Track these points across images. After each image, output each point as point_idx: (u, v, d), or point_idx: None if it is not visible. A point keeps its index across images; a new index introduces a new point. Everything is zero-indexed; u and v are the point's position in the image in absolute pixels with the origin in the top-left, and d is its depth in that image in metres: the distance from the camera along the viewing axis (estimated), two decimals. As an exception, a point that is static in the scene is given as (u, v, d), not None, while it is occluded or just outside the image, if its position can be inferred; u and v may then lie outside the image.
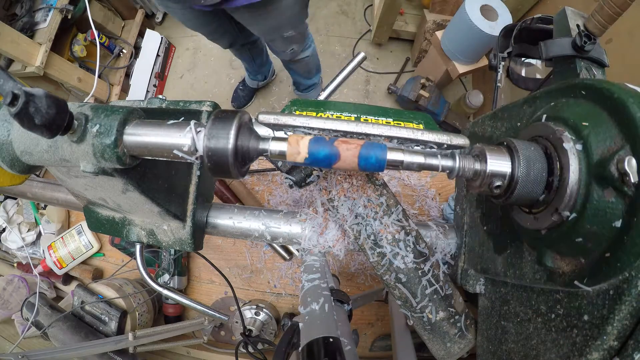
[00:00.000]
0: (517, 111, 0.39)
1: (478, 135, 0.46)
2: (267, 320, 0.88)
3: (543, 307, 0.32)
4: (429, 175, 0.87)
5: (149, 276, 0.54)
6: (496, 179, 0.31)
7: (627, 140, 0.26)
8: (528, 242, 0.34)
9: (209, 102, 0.45)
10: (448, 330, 0.43)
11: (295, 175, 0.42)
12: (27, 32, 1.47)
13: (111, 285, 0.94)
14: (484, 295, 0.43)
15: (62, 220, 1.10)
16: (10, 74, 0.29)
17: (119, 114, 0.32)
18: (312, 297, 0.43)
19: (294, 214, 0.50)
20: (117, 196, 0.41)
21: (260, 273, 0.95)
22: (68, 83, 1.65)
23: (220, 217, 0.51)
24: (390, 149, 0.31)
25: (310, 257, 0.51)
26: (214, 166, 0.29)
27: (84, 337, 0.86)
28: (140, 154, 0.33)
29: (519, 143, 0.31)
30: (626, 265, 0.24)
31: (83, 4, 1.58)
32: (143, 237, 0.48)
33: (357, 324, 0.88)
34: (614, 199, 0.26)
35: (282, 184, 0.94)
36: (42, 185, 0.62)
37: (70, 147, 0.32)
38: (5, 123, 0.36)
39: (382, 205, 0.42)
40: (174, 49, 2.11)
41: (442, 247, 0.48)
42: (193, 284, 1.01)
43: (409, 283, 0.42)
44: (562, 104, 0.33)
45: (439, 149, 0.37)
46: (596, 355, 0.26)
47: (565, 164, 0.28)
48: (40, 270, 1.05)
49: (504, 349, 0.37)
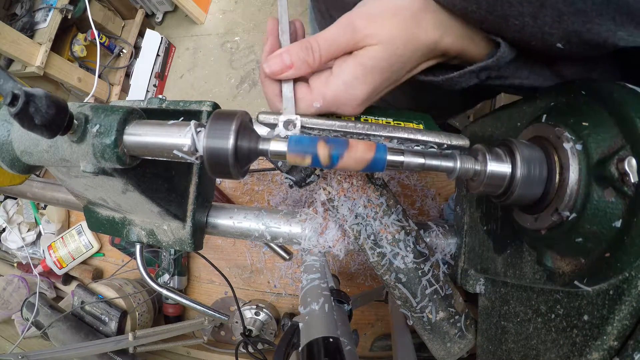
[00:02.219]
0: (517, 111, 0.39)
1: (478, 136, 0.46)
2: (267, 320, 0.88)
3: (543, 307, 0.32)
4: (429, 176, 0.87)
5: (149, 276, 0.54)
6: (496, 179, 0.31)
7: (627, 140, 0.26)
8: (528, 242, 0.34)
9: (209, 102, 0.45)
10: (448, 330, 0.43)
11: (295, 175, 0.42)
12: (27, 32, 1.47)
13: (111, 285, 0.94)
14: (484, 295, 0.43)
15: (62, 220, 1.10)
16: (10, 74, 0.29)
17: (119, 114, 0.32)
18: (312, 297, 0.43)
19: (294, 214, 0.50)
20: (117, 196, 0.41)
21: (260, 273, 0.95)
22: (68, 83, 1.64)
23: (220, 217, 0.51)
24: (390, 149, 0.31)
25: (310, 257, 0.51)
26: (213, 166, 0.29)
27: (84, 337, 0.86)
28: (140, 154, 0.33)
29: (519, 143, 0.31)
30: (626, 265, 0.24)
31: (83, 4, 1.58)
32: (143, 237, 0.48)
33: (357, 324, 0.88)
34: (614, 199, 0.26)
35: (282, 184, 0.94)
36: (42, 185, 0.62)
37: (70, 147, 0.32)
38: (5, 123, 0.36)
39: (382, 205, 0.42)
40: (174, 49, 2.11)
41: (442, 247, 0.48)
42: (193, 284, 1.01)
43: (409, 283, 0.42)
44: (562, 104, 0.33)
45: (439, 149, 0.37)
46: (596, 355, 0.26)
47: (565, 164, 0.28)
48: (40, 270, 1.05)
49: (504, 349, 0.37)
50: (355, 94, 0.33)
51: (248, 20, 1.98)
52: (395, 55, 0.32)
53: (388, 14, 0.31)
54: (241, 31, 1.97)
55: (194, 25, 2.08)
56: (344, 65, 0.32)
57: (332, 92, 0.33)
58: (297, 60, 0.32)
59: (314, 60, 0.32)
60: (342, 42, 0.32)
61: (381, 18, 0.31)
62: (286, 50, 0.33)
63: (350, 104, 0.33)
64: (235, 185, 0.98)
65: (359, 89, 0.32)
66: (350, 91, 0.32)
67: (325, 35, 0.32)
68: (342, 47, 0.32)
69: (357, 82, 0.32)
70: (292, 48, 0.33)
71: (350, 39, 0.31)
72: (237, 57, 1.95)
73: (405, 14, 0.31)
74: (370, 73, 0.32)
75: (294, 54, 0.32)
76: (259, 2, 1.98)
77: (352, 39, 0.31)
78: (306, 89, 0.34)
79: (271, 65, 0.33)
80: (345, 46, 0.32)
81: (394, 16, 0.31)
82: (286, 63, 0.32)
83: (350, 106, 0.34)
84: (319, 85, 0.33)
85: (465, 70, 0.35)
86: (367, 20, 0.31)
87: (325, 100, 0.33)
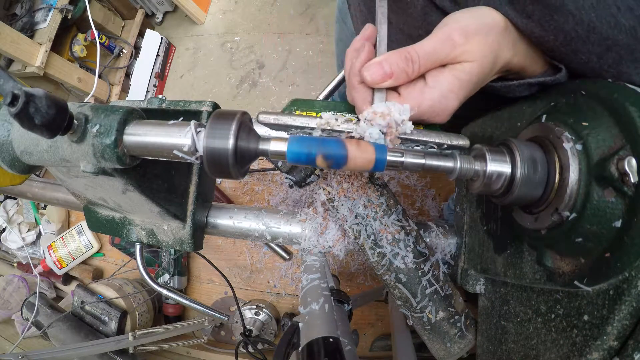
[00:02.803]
0: (517, 111, 0.39)
1: (478, 136, 0.46)
2: (267, 320, 0.89)
3: (543, 307, 0.32)
4: (429, 176, 0.87)
5: (149, 276, 0.54)
6: (496, 179, 0.31)
7: (627, 140, 0.26)
8: (528, 242, 0.34)
9: (209, 102, 0.45)
10: (448, 330, 0.43)
11: (295, 175, 0.42)
12: (27, 32, 1.47)
13: (111, 285, 0.94)
14: (484, 295, 0.43)
15: (62, 220, 1.10)
16: (10, 74, 0.29)
17: (119, 114, 0.32)
18: (312, 297, 0.43)
19: (294, 214, 0.50)
20: (117, 196, 0.41)
21: (260, 273, 0.95)
22: (68, 83, 1.65)
23: (220, 217, 0.51)
24: (391, 149, 0.31)
25: (310, 257, 0.51)
26: (213, 166, 0.29)
27: (84, 337, 0.86)
28: (140, 154, 0.33)
29: (519, 143, 0.31)
30: (626, 265, 0.24)
31: (83, 4, 1.58)
32: (143, 237, 0.48)
33: (357, 324, 0.88)
34: (614, 199, 0.26)
35: (282, 184, 0.94)
36: (42, 185, 0.62)
37: (70, 147, 0.32)
38: (5, 123, 0.36)
39: (382, 205, 0.42)
40: (174, 49, 2.11)
41: (442, 247, 0.48)
42: (193, 284, 1.01)
43: (409, 283, 0.42)
44: (562, 104, 0.33)
45: (439, 149, 0.37)
46: (596, 355, 0.26)
47: (565, 164, 0.28)
48: (40, 270, 1.05)
49: (504, 349, 0.37)
50: (448, 104, 0.34)
51: (248, 20, 1.98)
52: (485, 72, 0.34)
53: (483, 32, 0.33)
54: (241, 31, 1.97)
55: (194, 25, 2.08)
56: (440, 77, 0.34)
57: (428, 102, 0.34)
58: (397, 70, 0.33)
59: (413, 71, 0.33)
60: (441, 56, 0.33)
61: (478, 36, 0.32)
62: (385, 59, 0.33)
63: (443, 114, 0.35)
64: (235, 185, 0.98)
65: (452, 100, 0.34)
66: (445, 102, 0.34)
67: (424, 47, 0.33)
68: (440, 60, 0.33)
69: (452, 95, 0.34)
70: (392, 57, 0.33)
71: (450, 54, 0.33)
72: (237, 57, 1.95)
73: (495, 34, 0.33)
74: (464, 87, 0.33)
75: (394, 64, 0.33)
76: (259, 2, 1.98)
77: (450, 54, 0.33)
78: (397, 97, 0.35)
79: (372, 74, 0.33)
80: (443, 59, 0.33)
81: (487, 35, 0.33)
82: (387, 72, 0.33)
83: (442, 116, 0.35)
84: (415, 95, 0.34)
85: (524, 82, 0.36)
86: (465, 38, 0.32)
87: (420, 109, 0.34)
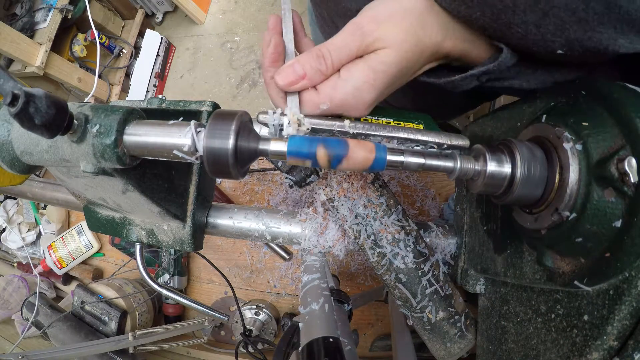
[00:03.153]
0: (517, 111, 0.39)
1: (478, 136, 0.46)
2: (267, 320, 0.88)
3: (543, 307, 0.32)
4: (429, 176, 0.87)
5: (149, 276, 0.54)
6: (496, 179, 0.31)
7: (627, 140, 0.26)
8: (528, 242, 0.34)
9: (209, 102, 0.45)
10: (448, 330, 0.43)
11: (295, 175, 0.42)
12: (27, 32, 1.47)
13: (111, 285, 0.94)
14: (484, 295, 0.43)
15: (62, 220, 1.10)
16: (10, 74, 0.29)
17: (119, 114, 0.32)
18: (312, 297, 0.43)
19: (294, 214, 0.50)
20: (117, 196, 0.41)
21: (260, 273, 0.95)
22: (68, 83, 1.64)
23: (220, 217, 0.51)
24: (390, 150, 0.31)
25: (310, 257, 0.51)
26: (213, 166, 0.29)
27: (84, 337, 0.86)
28: (140, 154, 0.33)
29: (519, 143, 0.31)
30: (626, 265, 0.24)
31: (83, 4, 1.58)
32: (143, 237, 0.48)
33: (357, 324, 0.88)
34: (614, 199, 0.26)
35: (282, 184, 0.94)
36: (42, 185, 0.62)
37: (70, 147, 0.32)
38: (5, 123, 0.36)
39: (382, 205, 0.42)
40: (174, 49, 2.11)
41: (442, 247, 0.48)
42: (193, 284, 1.01)
43: (409, 283, 0.42)
44: (562, 104, 0.33)
45: (439, 149, 0.37)
46: (596, 355, 0.26)
47: (565, 164, 0.28)
48: (40, 270, 1.05)
49: (504, 349, 0.37)
50: (363, 97, 0.33)
51: (248, 20, 1.98)
52: (405, 58, 0.32)
53: (396, 17, 0.31)
54: (241, 31, 1.97)
55: (194, 25, 2.08)
56: (353, 69, 0.32)
57: (341, 95, 0.32)
58: (310, 70, 0.32)
59: (327, 68, 0.32)
60: (353, 47, 0.32)
61: (389, 21, 0.31)
62: (297, 61, 0.33)
63: (359, 107, 0.34)
64: (235, 185, 0.98)
65: (368, 92, 0.32)
66: (359, 95, 0.32)
67: (335, 42, 0.32)
68: (353, 52, 0.32)
69: (366, 86, 0.32)
70: (303, 58, 0.32)
71: (361, 44, 0.31)
72: (237, 57, 1.95)
73: (412, 17, 0.31)
74: (379, 77, 0.32)
75: (306, 64, 0.32)
76: (259, 2, 1.98)
77: (362, 44, 0.31)
78: (312, 90, 0.34)
79: (284, 78, 0.33)
80: (356, 51, 0.32)
81: (402, 19, 0.31)
82: (299, 74, 0.32)
83: (358, 109, 0.34)
84: (327, 89, 0.33)
85: (466, 74, 0.35)
86: (376, 24, 0.31)
87: (333, 103, 0.33)
